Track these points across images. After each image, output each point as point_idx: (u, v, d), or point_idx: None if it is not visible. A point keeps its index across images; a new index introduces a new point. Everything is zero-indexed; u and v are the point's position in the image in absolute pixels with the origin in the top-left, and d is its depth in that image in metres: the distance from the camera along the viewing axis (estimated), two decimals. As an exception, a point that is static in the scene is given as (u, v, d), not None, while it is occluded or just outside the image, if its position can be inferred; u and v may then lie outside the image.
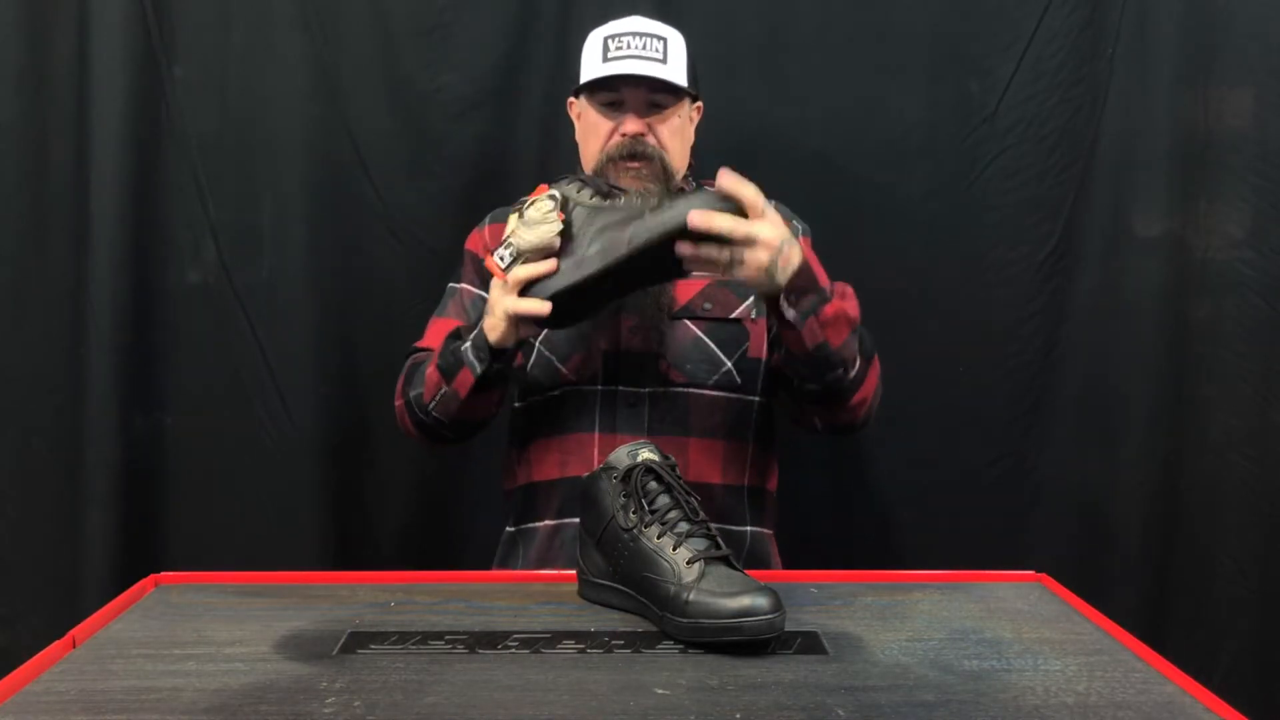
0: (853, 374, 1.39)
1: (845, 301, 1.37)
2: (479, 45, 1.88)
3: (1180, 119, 1.87)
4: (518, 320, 1.30)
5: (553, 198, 1.27)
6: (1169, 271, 1.90)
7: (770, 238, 1.23)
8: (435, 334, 1.53)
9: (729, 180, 1.21)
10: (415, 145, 1.89)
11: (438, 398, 1.42)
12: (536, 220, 1.27)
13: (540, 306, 1.27)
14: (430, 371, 1.44)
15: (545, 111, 1.88)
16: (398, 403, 1.52)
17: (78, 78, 1.83)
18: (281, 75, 1.86)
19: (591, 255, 1.25)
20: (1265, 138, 1.86)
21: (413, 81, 1.88)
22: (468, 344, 1.37)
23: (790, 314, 1.30)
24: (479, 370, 1.36)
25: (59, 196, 1.85)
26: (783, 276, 1.26)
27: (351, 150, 1.88)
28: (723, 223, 1.20)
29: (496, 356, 1.36)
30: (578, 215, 1.28)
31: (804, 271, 1.28)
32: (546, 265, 1.27)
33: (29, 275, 1.86)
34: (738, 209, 1.22)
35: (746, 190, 1.22)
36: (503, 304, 1.30)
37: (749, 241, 1.22)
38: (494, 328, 1.33)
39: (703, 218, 1.20)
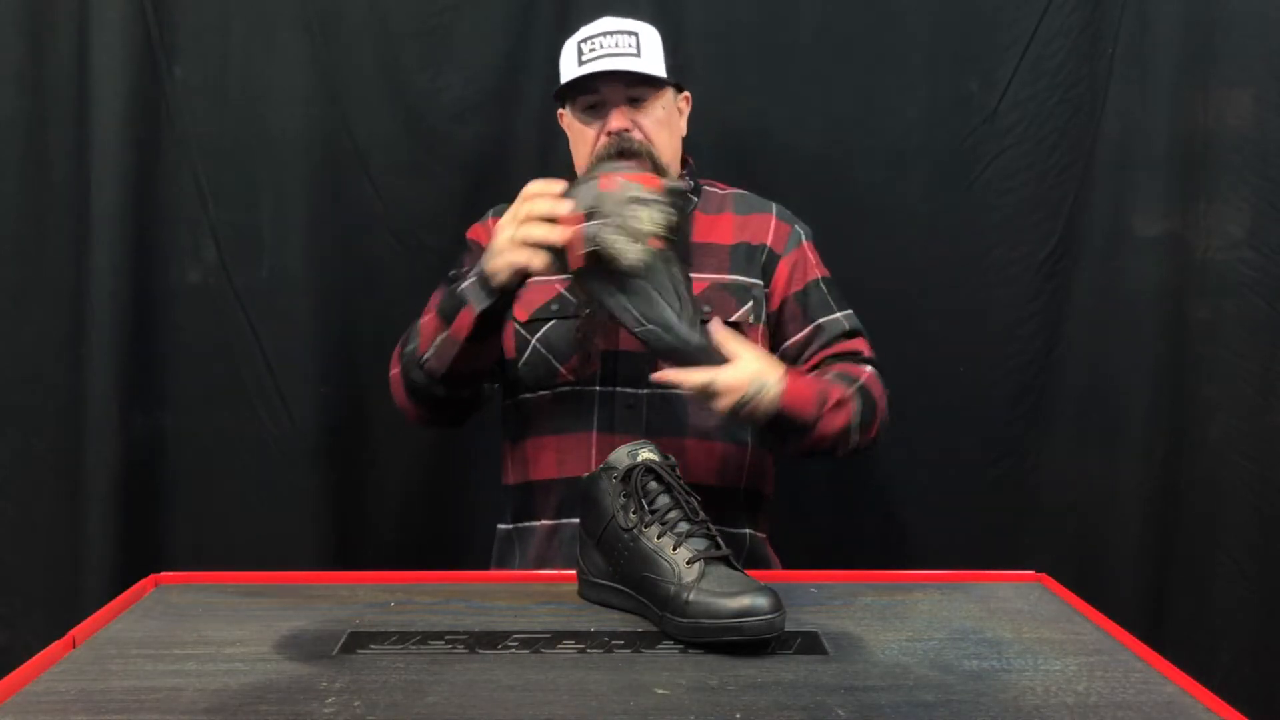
0: (842, 452, 1.45)
1: (836, 415, 1.41)
2: (479, 45, 1.88)
3: (1180, 119, 1.87)
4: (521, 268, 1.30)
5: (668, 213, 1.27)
6: (1169, 271, 1.90)
7: (733, 390, 1.29)
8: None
9: (680, 379, 1.30)
10: (415, 145, 1.89)
11: (435, 345, 1.41)
12: (650, 223, 1.26)
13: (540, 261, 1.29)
14: (427, 320, 1.43)
15: (545, 111, 1.87)
16: (393, 371, 1.51)
17: (78, 78, 1.83)
18: (281, 75, 1.86)
19: (615, 302, 1.28)
20: (1265, 138, 1.86)
21: (413, 81, 1.88)
22: (468, 282, 1.36)
23: (772, 441, 1.42)
24: (482, 305, 1.35)
25: (59, 196, 1.85)
26: (757, 416, 1.33)
27: (351, 150, 1.88)
28: (688, 381, 1.29)
29: (498, 295, 1.35)
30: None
31: (778, 421, 1.35)
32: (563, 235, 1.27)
33: (29, 275, 1.86)
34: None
35: (719, 381, 1.28)
36: (509, 256, 1.29)
37: (710, 395, 1.30)
38: (496, 270, 1.32)
39: (669, 376, 1.30)
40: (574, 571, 1.22)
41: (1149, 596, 1.91)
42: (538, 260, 1.28)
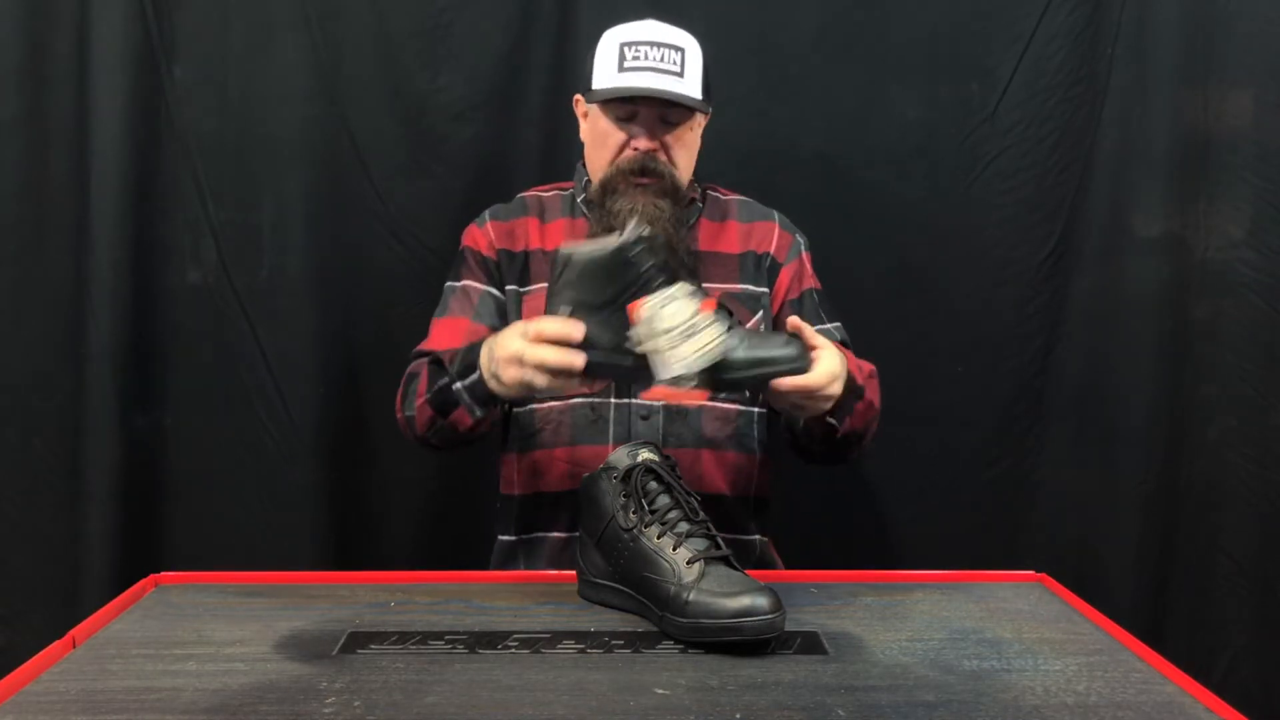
0: (865, 441, 1.44)
1: (869, 386, 1.40)
2: (479, 45, 1.88)
3: (1180, 119, 1.87)
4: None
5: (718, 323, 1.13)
6: (1169, 271, 1.90)
7: (830, 393, 1.22)
8: (439, 335, 1.51)
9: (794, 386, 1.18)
10: (415, 145, 1.89)
11: (433, 429, 1.40)
12: (699, 341, 1.12)
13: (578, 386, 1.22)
14: (421, 405, 1.39)
15: (545, 111, 1.88)
16: (398, 415, 1.49)
17: (78, 78, 1.83)
18: (281, 75, 1.86)
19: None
20: (1265, 138, 1.86)
21: (413, 81, 1.88)
22: (461, 386, 1.32)
23: (832, 421, 1.32)
24: (478, 414, 1.34)
25: (59, 196, 1.85)
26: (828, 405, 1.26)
27: (351, 150, 1.88)
28: (807, 383, 1.19)
29: (494, 402, 1.33)
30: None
31: (848, 390, 1.28)
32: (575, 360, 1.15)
33: (29, 275, 1.86)
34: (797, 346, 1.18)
35: (812, 383, 1.19)
36: (536, 378, 1.17)
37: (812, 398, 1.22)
38: (509, 383, 1.21)
39: (790, 384, 1.17)
40: (574, 572, 1.22)
41: (1149, 596, 1.91)
42: (540, 380, 1.17)
